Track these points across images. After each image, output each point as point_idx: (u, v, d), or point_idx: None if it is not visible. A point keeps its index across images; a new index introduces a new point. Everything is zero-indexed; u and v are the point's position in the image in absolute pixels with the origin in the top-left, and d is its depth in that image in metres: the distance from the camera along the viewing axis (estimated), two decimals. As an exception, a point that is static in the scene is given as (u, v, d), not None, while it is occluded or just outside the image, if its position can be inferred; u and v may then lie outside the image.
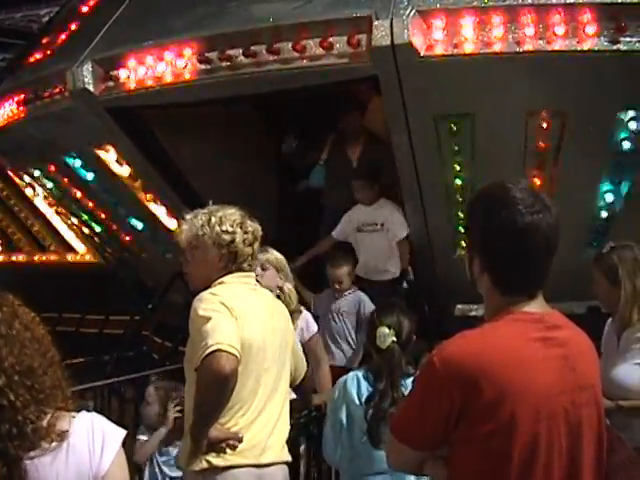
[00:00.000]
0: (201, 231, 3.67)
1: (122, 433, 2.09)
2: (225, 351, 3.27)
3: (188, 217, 3.76)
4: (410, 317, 3.99)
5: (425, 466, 2.29)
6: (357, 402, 3.90)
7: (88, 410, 2.11)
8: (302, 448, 4.95)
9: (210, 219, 3.68)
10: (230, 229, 3.65)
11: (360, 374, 3.97)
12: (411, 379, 3.78)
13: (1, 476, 1.87)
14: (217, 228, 3.65)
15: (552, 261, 2.24)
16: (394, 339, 3.85)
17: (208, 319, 3.36)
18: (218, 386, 3.33)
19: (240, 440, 3.43)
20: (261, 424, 3.52)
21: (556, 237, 2.22)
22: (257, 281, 3.91)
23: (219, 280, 3.63)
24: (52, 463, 1.95)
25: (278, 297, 4.49)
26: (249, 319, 3.49)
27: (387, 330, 3.85)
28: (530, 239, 2.18)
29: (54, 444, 1.96)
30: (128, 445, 2.15)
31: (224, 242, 3.63)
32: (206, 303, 3.45)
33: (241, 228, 3.67)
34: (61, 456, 1.97)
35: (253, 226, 3.74)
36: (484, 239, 2.24)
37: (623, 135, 6.12)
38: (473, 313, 6.56)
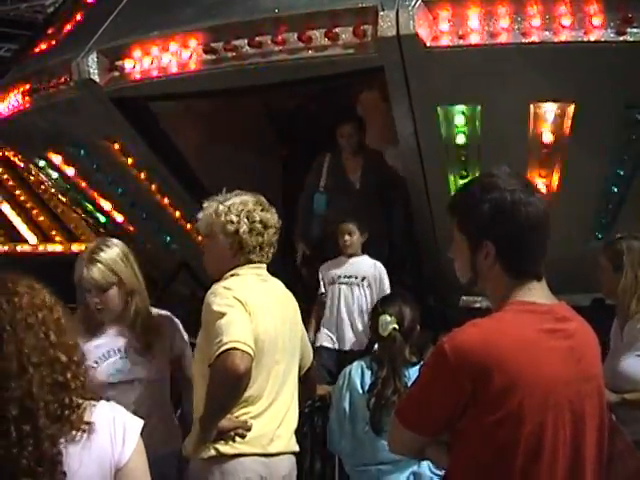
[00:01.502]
0: (211, 220, 3.68)
1: (140, 423, 2.12)
2: (240, 349, 3.28)
3: (205, 205, 3.76)
4: (413, 306, 4.01)
5: (427, 451, 2.32)
6: (360, 391, 3.92)
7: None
8: (306, 438, 4.96)
9: (218, 208, 3.67)
10: (235, 219, 3.63)
11: (364, 363, 3.98)
12: (415, 368, 3.79)
13: (44, 456, 1.89)
14: (223, 218, 3.64)
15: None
16: (395, 327, 3.87)
17: (223, 314, 3.36)
18: (231, 384, 3.34)
19: (249, 429, 3.45)
20: (271, 415, 3.54)
21: (549, 216, 2.30)
22: (99, 309, 3.75)
23: (232, 272, 3.63)
24: (76, 452, 1.97)
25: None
26: (262, 313, 3.51)
27: (389, 318, 3.88)
28: (536, 216, 2.25)
29: (79, 433, 1.99)
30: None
31: (229, 232, 3.63)
32: (220, 298, 3.45)
33: (247, 218, 3.65)
34: (86, 445, 1.99)
35: (262, 216, 3.69)
36: (496, 224, 2.24)
37: (628, 126, 6.11)
38: (477, 305, 6.56)
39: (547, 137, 6.16)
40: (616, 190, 6.50)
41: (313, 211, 7.43)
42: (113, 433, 2.04)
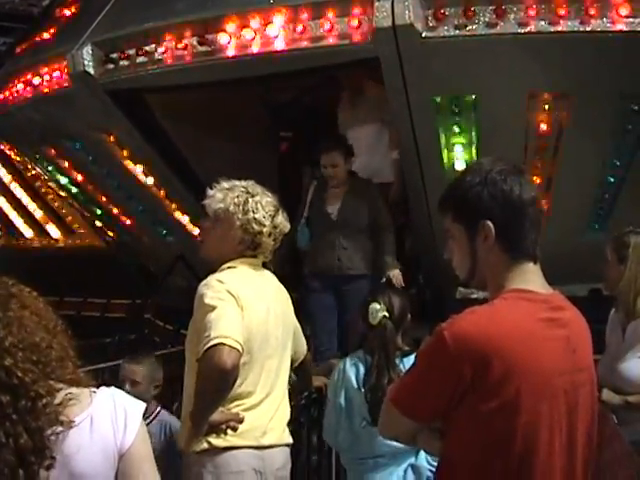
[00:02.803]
0: (233, 209, 3.56)
1: (142, 406, 2.11)
2: (227, 345, 3.23)
3: (225, 186, 3.63)
4: (402, 295, 4.01)
5: (419, 437, 2.30)
6: (355, 386, 3.89)
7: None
8: (303, 429, 4.96)
9: (247, 201, 3.57)
10: (262, 219, 3.56)
11: (357, 357, 3.96)
12: (410, 358, 3.76)
13: (26, 447, 1.89)
14: (251, 214, 3.54)
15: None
16: (385, 314, 3.85)
17: (213, 308, 3.32)
18: (219, 380, 3.30)
19: (241, 421, 3.43)
20: (264, 408, 3.52)
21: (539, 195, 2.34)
22: None
23: (228, 264, 3.58)
24: (75, 438, 1.97)
25: None
26: (255, 307, 3.47)
27: (378, 306, 3.86)
28: (529, 196, 2.26)
29: (77, 419, 1.98)
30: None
31: (252, 230, 3.56)
32: (213, 291, 3.41)
33: (272, 221, 3.59)
34: (84, 431, 1.99)
35: (283, 222, 3.65)
36: (493, 204, 2.25)
37: (625, 116, 6.10)
38: (474, 296, 6.54)
39: (543, 127, 6.16)
40: (613, 180, 6.49)
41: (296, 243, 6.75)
42: (114, 418, 2.03)
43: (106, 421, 2.02)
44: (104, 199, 9.34)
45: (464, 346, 2.11)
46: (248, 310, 3.41)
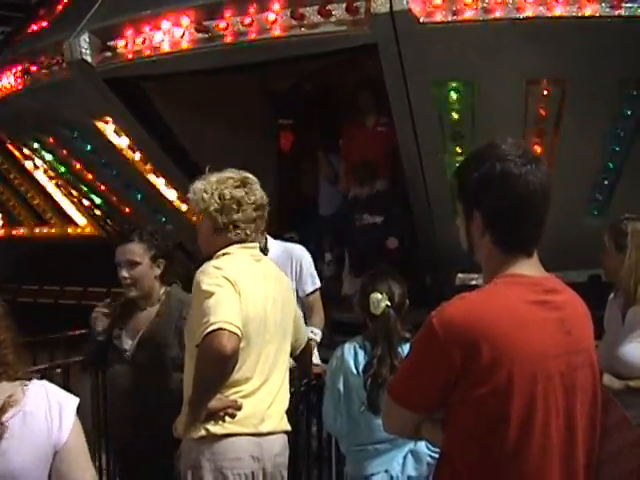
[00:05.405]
0: (191, 198, 3.63)
1: (76, 401, 2.09)
2: (227, 330, 3.24)
3: (195, 183, 3.68)
4: (400, 282, 3.96)
5: (422, 429, 2.30)
6: (355, 372, 3.87)
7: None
8: (303, 416, 4.96)
9: (209, 187, 3.60)
10: (206, 197, 3.58)
11: (357, 343, 3.94)
12: (408, 344, 3.74)
13: None
14: (198, 195, 3.59)
15: (547, 216, 2.24)
16: (388, 303, 3.82)
17: (211, 294, 3.33)
18: (219, 365, 3.31)
19: (239, 408, 3.43)
20: (262, 395, 3.52)
21: (550, 189, 2.23)
22: None
23: (223, 250, 3.58)
24: (8, 434, 1.95)
25: None
26: (252, 293, 3.47)
27: (380, 295, 3.81)
28: (527, 188, 2.19)
29: (5, 417, 1.96)
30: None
31: (202, 210, 3.59)
32: (210, 277, 3.42)
33: (219, 196, 3.58)
34: (14, 428, 1.96)
35: (234, 193, 3.61)
36: (483, 194, 2.22)
37: (623, 102, 6.08)
38: (474, 282, 6.54)
39: (542, 113, 6.14)
40: (612, 166, 6.48)
41: None
42: (48, 412, 2.01)
43: (40, 417, 2.00)
44: (103, 188, 9.33)
45: (452, 332, 2.12)
46: (245, 295, 3.41)
